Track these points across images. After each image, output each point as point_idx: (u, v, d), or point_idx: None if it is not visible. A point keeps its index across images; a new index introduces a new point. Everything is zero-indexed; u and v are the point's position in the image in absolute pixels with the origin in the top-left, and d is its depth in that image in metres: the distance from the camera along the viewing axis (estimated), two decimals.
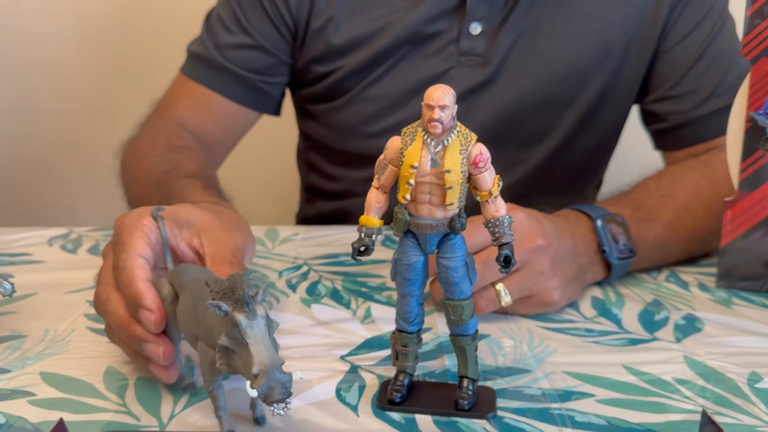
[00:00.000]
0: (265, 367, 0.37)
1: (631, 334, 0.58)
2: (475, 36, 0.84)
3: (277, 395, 0.37)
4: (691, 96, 0.84)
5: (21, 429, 0.44)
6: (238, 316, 0.38)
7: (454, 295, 0.45)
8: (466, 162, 0.42)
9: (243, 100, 0.91)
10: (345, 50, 0.87)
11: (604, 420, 0.45)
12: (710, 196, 0.73)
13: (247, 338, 0.38)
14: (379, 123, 0.90)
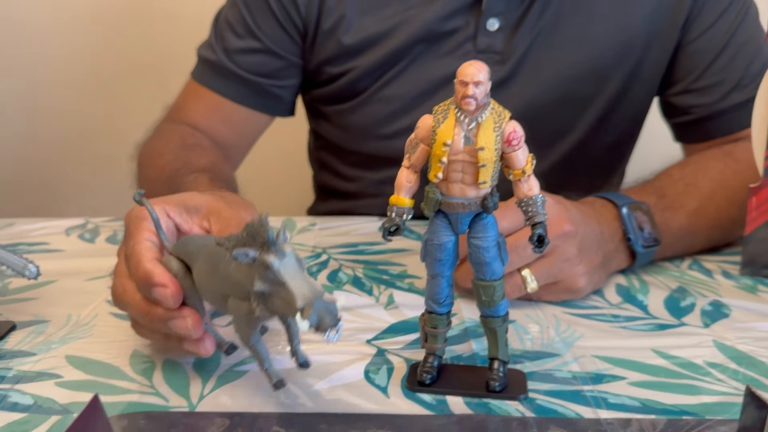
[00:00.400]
0: (308, 298, 0.38)
1: (658, 319, 0.57)
2: (493, 33, 0.82)
3: (328, 322, 0.37)
4: (715, 88, 0.83)
5: (49, 409, 0.44)
6: (268, 257, 0.38)
7: (485, 275, 0.44)
8: (500, 140, 0.41)
9: (254, 104, 0.90)
10: (357, 50, 0.86)
11: (638, 401, 0.45)
12: (734, 186, 0.73)
13: (283, 276, 0.38)
14: (394, 124, 0.88)
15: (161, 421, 0.42)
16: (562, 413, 0.43)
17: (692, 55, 0.84)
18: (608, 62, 0.84)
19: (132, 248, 0.48)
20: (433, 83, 0.85)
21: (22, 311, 0.59)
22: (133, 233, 0.49)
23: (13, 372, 0.48)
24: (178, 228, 0.52)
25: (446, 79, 0.85)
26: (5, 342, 0.53)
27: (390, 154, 0.90)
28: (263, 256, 0.38)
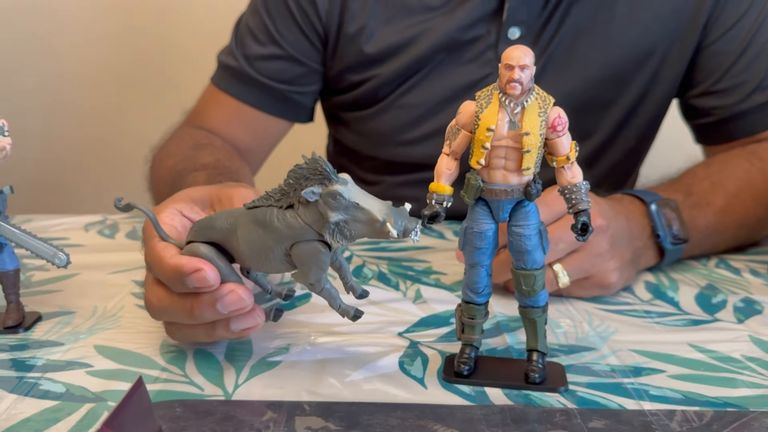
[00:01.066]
0: (386, 211, 0.40)
1: (691, 315, 0.57)
2: (514, 41, 0.82)
3: (410, 224, 0.40)
4: (737, 90, 0.82)
5: (82, 397, 0.43)
6: (334, 187, 0.40)
7: (526, 264, 0.44)
8: (545, 125, 0.41)
9: (274, 110, 0.90)
10: (379, 59, 0.85)
11: (680, 394, 0.44)
12: (759, 185, 0.73)
13: (355, 199, 0.40)
14: (414, 131, 0.88)
15: (197, 408, 0.41)
16: (605, 405, 0.42)
17: (713, 57, 0.83)
18: (630, 66, 0.83)
19: (149, 253, 0.47)
20: (454, 91, 0.85)
21: (47, 303, 0.58)
22: (147, 241, 0.48)
23: (43, 361, 0.48)
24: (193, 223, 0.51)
25: (467, 88, 0.85)
26: (32, 332, 0.53)
27: (409, 160, 0.90)
28: (329, 187, 0.40)
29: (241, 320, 0.45)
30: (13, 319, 0.53)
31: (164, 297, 0.46)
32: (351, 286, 0.45)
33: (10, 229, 0.51)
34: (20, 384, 0.45)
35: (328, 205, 0.40)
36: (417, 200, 0.53)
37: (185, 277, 0.44)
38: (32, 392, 0.44)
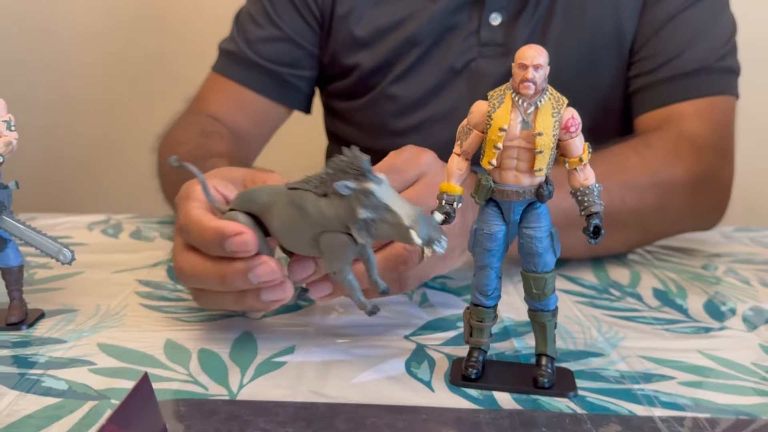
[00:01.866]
0: (414, 217, 0.39)
1: (699, 322, 0.56)
2: (495, 27, 0.84)
3: (436, 234, 0.39)
4: (651, 60, 0.81)
5: (85, 395, 0.42)
6: (368, 185, 0.40)
7: (537, 267, 0.43)
8: (558, 126, 0.40)
9: (273, 95, 0.91)
10: (367, 42, 0.87)
11: (690, 401, 0.43)
12: (636, 171, 0.69)
13: (386, 201, 0.39)
14: (403, 121, 0.89)
15: (202, 408, 0.41)
16: (615, 410, 0.42)
17: (644, 25, 0.82)
18: (607, 47, 0.83)
19: (186, 218, 0.47)
20: (440, 79, 0.87)
21: (50, 300, 0.58)
22: (182, 204, 0.48)
23: (45, 358, 0.47)
24: (227, 200, 0.52)
25: (452, 74, 0.86)
26: (35, 329, 0.52)
27: None
28: (363, 184, 0.40)
29: (271, 291, 0.46)
30: (15, 315, 0.52)
31: (197, 262, 0.47)
32: (374, 280, 0.45)
33: (15, 225, 0.51)
34: (22, 381, 0.44)
35: (360, 202, 0.40)
36: None
37: (225, 240, 0.45)
38: (34, 389, 0.43)
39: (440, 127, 0.88)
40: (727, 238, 0.82)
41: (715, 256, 0.75)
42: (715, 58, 0.79)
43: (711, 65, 0.79)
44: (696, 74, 0.79)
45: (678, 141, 0.74)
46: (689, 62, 0.79)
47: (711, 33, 0.80)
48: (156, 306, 0.57)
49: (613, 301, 0.60)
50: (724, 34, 0.81)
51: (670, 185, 0.71)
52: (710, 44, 0.80)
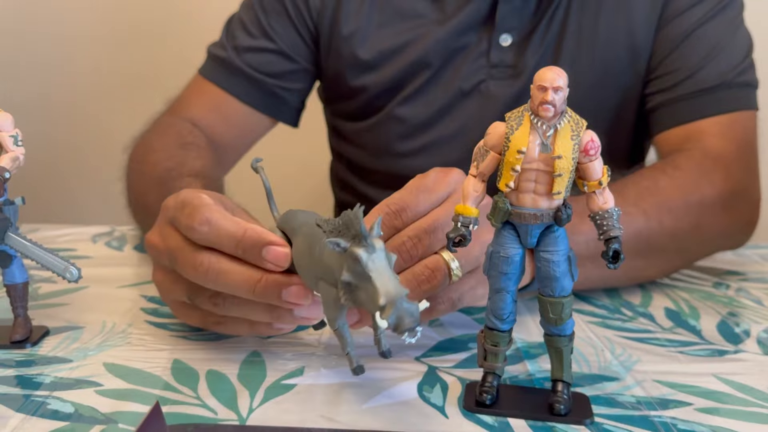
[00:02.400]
0: (391, 297, 0.37)
1: (714, 345, 0.55)
2: (505, 47, 0.82)
3: (407, 324, 0.36)
4: (669, 77, 0.80)
5: (92, 418, 0.42)
6: (357, 250, 0.37)
7: (554, 291, 0.42)
8: (577, 149, 0.40)
9: (257, 104, 0.89)
10: (373, 65, 0.86)
11: (709, 429, 0.42)
12: (669, 193, 0.68)
13: (370, 272, 0.37)
14: (411, 143, 0.88)
15: None
16: None
17: (661, 41, 0.81)
18: (621, 66, 0.82)
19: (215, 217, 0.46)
20: (448, 100, 0.85)
21: (55, 317, 0.57)
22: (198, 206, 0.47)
23: (51, 378, 0.46)
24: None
25: (460, 96, 0.85)
26: (40, 347, 0.51)
27: (409, 172, 0.87)
28: (353, 248, 0.38)
29: (307, 309, 0.46)
30: (20, 333, 0.51)
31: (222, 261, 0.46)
32: (378, 339, 0.42)
33: (21, 241, 0.50)
34: (27, 403, 0.43)
35: (347, 264, 0.38)
36: None
37: (265, 246, 0.44)
38: (40, 411, 0.42)
39: (448, 149, 0.86)
40: (738, 256, 0.82)
41: (725, 274, 0.74)
42: (734, 73, 0.78)
43: (731, 80, 0.78)
44: (716, 90, 0.78)
45: (704, 160, 0.73)
46: (709, 78, 0.78)
47: (729, 48, 0.79)
48: (162, 323, 0.56)
49: (625, 322, 0.60)
50: (741, 49, 0.80)
51: (703, 205, 0.70)
52: (729, 59, 0.79)
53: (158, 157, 0.76)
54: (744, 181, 0.75)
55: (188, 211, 0.48)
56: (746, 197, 0.75)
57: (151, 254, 0.52)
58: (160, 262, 0.51)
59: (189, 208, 0.48)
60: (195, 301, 0.49)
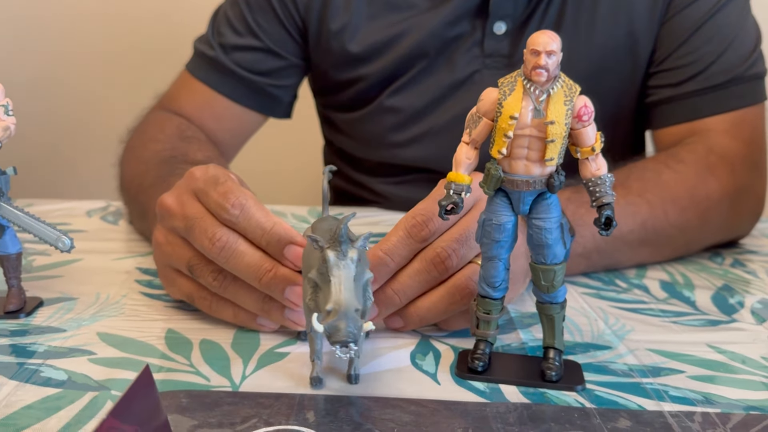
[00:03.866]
0: (339, 306, 0.37)
1: (708, 315, 0.55)
2: (500, 36, 0.80)
3: (342, 336, 0.37)
4: (679, 71, 0.79)
5: (84, 385, 0.42)
6: (329, 252, 0.38)
7: (546, 258, 0.42)
8: (570, 114, 0.39)
9: (248, 103, 0.87)
10: (364, 58, 0.84)
11: (700, 395, 0.43)
12: (673, 186, 0.68)
13: (332, 276, 0.38)
14: (403, 133, 0.87)
15: (204, 399, 0.40)
16: (624, 405, 0.41)
17: (667, 34, 0.80)
18: (619, 54, 0.81)
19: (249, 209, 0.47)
20: (442, 90, 0.84)
21: (49, 288, 0.57)
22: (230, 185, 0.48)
23: (44, 347, 0.46)
24: None
25: (454, 86, 0.83)
26: (33, 317, 0.51)
27: (402, 162, 0.88)
28: (327, 249, 0.38)
29: (296, 314, 0.47)
30: (14, 303, 0.51)
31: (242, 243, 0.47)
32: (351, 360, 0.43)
33: (13, 211, 0.50)
34: (21, 370, 0.43)
35: (318, 263, 0.39)
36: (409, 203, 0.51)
37: (289, 243, 0.46)
38: (33, 379, 0.42)
39: (441, 139, 0.85)
40: None
41: (721, 247, 0.74)
42: (745, 66, 0.77)
43: (742, 74, 0.77)
44: (727, 85, 0.77)
45: (709, 156, 0.72)
46: (720, 73, 0.77)
47: (739, 39, 0.78)
48: (156, 295, 0.56)
49: (619, 293, 0.60)
50: (751, 39, 0.79)
51: (708, 200, 0.69)
52: (739, 51, 0.78)
53: (161, 146, 0.76)
54: (750, 179, 0.75)
55: (222, 190, 0.48)
56: (752, 193, 0.75)
57: (162, 215, 0.51)
58: (169, 225, 0.50)
59: (223, 187, 0.48)
60: (194, 272, 0.49)
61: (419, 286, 0.48)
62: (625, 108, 0.84)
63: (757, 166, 0.76)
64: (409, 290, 0.48)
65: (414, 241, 0.48)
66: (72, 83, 1.48)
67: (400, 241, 0.48)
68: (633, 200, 0.65)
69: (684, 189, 0.69)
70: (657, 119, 0.81)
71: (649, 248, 0.67)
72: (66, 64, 1.47)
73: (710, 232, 0.71)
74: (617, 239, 0.63)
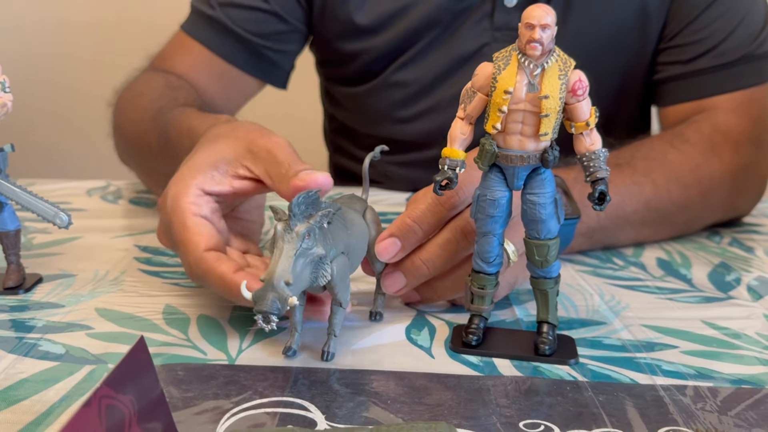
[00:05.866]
0: (269, 276, 0.38)
1: (704, 292, 0.55)
2: (510, 9, 0.79)
3: (263, 306, 0.38)
4: (690, 48, 0.78)
5: (82, 359, 0.42)
6: (278, 224, 0.39)
7: (540, 233, 0.42)
8: (565, 88, 0.39)
9: (246, 66, 0.84)
10: (370, 30, 0.82)
11: (693, 369, 0.43)
12: (677, 165, 0.68)
13: (276, 247, 0.39)
14: (411, 108, 0.85)
15: (201, 372, 0.40)
16: (617, 378, 0.41)
17: (679, 10, 0.79)
18: (630, 28, 0.80)
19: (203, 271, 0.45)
20: (450, 65, 0.82)
21: (48, 265, 0.57)
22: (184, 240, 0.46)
23: (43, 322, 0.47)
24: (221, 196, 0.48)
25: (462, 60, 0.82)
26: (32, 293, 0.52)
27: (407, 137, 0.87)
28: (278, 220, 0.39)
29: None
30: (13, 280, 0.52)
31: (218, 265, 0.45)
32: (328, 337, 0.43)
33: (11, 188, 0.50)
34: (19, 344, 0.44)
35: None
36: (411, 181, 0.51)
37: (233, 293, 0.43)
38: (32, 353, 0.43)
39: (449, 114, 0.82)
40: None
41: (720, 226, 0.74)
42: (755, 44, 0.76)
43: (752, 52, 0.76)
44: (737, 63, 0.76)
45: (714, 134, 0.72)
46: (730, 51, 0.76)
47: (749, 16, 0.77)
48: (155, 271, 0.57)
49: (616, 270, 0.60)
50: (760, 17, 0.78)
51: (712, 178, 0.69)
52: (749, 29, 0.77)
53: (148, 99, 0.73)
54: (754, 157, 0.74)
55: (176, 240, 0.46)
56: (755, 173, 0.75)
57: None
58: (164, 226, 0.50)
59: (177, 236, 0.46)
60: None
61: (448, 256, 0.47)
62: (634, 84, 0.84)
63: (762, 145, 0.76)
64: (438, 260, 0.47)
65: (443, 209, 0.47)
66: (73, 61, 1.47)
67: (429, 208, 0.47)
68: (638, 180, 0.66)
69: (688, 168, 0.69)
70: (665, 96, 0.81)
71: (651, 227, 0.67)
72: (65, 42, 1.46)
73: (712, 211, 0.71)
74: (620, 218, 0.64)
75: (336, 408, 0.37)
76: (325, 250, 0.40)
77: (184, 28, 0.86)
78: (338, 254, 0.41)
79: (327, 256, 0.40)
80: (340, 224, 0.42)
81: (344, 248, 0.42)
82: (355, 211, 0.46)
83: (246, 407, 0.37)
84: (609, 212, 0.62)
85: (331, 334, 0.43)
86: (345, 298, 0.42)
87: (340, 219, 0.43)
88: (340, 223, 0.42)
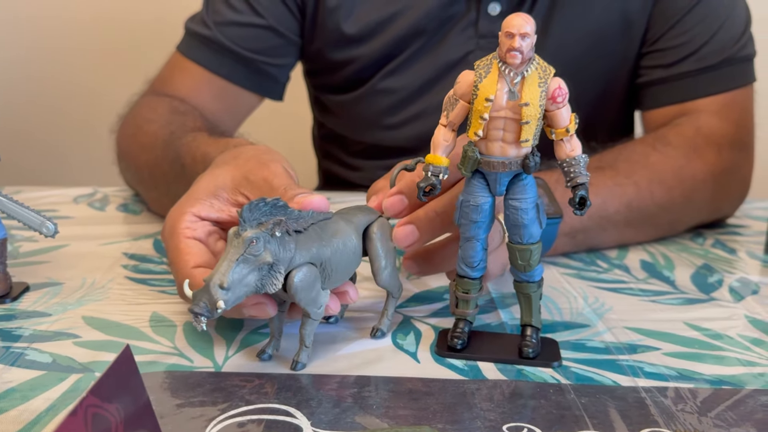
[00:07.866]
0: (210, 278, 0.39)
1: (687, 294, 0.56)
2: (494, 17, 0.80)
3: (194, 306, 0.38)
4: (671, 51, 0.79)
5: (69, 368, 0.42)
6: (231, 229, 0.40)
7: (522, 238, 0.43)
8: (545, 96, 0.40)
9: (246, 83, 0.85)
10: (359, 39, 0.83)
11: (675, 371, 0.43)
12: (660, 167, 0.69)
13: (227, 250, 0.40)
14: (399, 115, 0.87)
15: (187, 380, 0.41)
16: (599, 381, 0.42)
17: (660, 14, 0.80)
18: (613, 34, 0.81)
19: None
20: (436, 72, 0.84)
21: (35, 274, 0.57)
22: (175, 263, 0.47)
23: (30, 331, 0.47)
24: (220, 223, 0.49)
25: (448, 67, 0.83)
26: (19, 302, 0.52)
27: (395, 144, 0.88)
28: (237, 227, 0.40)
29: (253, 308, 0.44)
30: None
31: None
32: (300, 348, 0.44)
33: None
34: (6, 354, 0.44)
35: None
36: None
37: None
38: (18, 362, 0.43)
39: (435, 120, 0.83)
40: None
41: (704, 228, 0.75)
42: (737, 47, 0.77)
43: (733, 55, 0.77)
44: (719, 67, 0.77)
45: (696, 137, 0.73)
46: (712, 54, 0.77)
47: (731, 20, 0.78)
48: (142, 279, 0.57)
49: (600, 273, 0.61)
50: (741, 20, 0.79)
51: (694, 180, 0.70)
52: (730, 32, 0.78)
53: (157, 126, 0.74)
54: (736, 160, 0.75)
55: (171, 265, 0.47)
56: (738, 175, 0.76)
57: None
58: None
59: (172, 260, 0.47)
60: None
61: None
62: (617, 89, 0.85)
63: (745, 148, 0.77)
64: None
65: None
66: (60, 67, 1.47)
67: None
68: (620, 181, 0.66)
69: (670, 169, 0.69)
70: (648, 100, 0.82)
71: (634, 228, 0.67)
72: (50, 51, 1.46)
73: (695, 212, 0.72)
74: (603, 218, 0.64)
75: (321, 414, 0.37)
76: (277, 258, 0.40)
77: (180, 49, 0.86)
78: (304, 264, 0.41)
79: (280, 264, 0.40)
80: (314, 235, 0.42)
81: (313, 259, 0.42)
82: (348, 223, 0.45)
83: (232, 414, 0.37)
84: (592, 213, 0.63)
85: (302, 344, 0.43)
86: (312, 309, 0.42)
87: (317, 229, 0.42)
88: (315, 234, 0.42)
